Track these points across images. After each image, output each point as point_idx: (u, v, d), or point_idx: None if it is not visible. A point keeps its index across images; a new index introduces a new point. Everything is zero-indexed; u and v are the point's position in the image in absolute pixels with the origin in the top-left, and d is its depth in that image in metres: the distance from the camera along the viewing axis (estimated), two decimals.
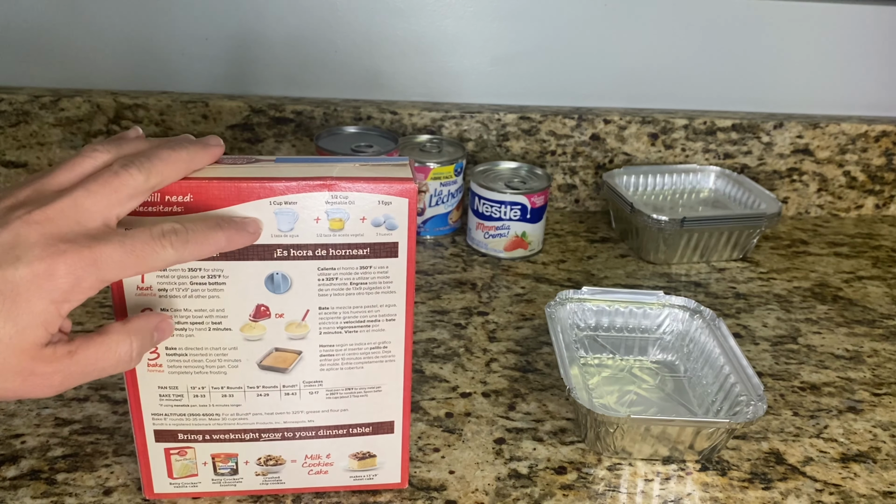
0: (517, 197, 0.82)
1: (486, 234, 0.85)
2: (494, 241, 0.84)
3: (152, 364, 0.46)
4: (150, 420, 0.47)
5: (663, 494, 0.53)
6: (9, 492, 0.50)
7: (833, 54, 0.98)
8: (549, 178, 0.86)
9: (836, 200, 1.01)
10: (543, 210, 0.85)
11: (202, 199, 0.41)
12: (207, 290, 0.44)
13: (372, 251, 0.45)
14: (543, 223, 0.86)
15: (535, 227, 0.84)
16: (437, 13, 0.93)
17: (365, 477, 0.51)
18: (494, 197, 0.83)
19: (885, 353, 0.72)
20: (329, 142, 0.83)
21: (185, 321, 0.45)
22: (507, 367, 0.66)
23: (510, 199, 0.82)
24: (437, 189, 0.86)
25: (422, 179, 0.85)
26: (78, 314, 0.70)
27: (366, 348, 0.47)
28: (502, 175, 0.87)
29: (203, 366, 0.46)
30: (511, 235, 0.84)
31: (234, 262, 0.43)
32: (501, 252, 0.85)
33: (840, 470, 0.57)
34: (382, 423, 0.50)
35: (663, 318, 0.68)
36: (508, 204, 0.82)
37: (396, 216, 0.44)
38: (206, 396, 0.47)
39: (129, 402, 0.47)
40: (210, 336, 0.45)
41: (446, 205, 0.88)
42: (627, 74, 0.97)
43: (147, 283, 0.43)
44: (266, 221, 0.43)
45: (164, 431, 0.48)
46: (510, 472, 0.54)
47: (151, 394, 0.47)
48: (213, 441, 0.48)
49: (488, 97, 0.97)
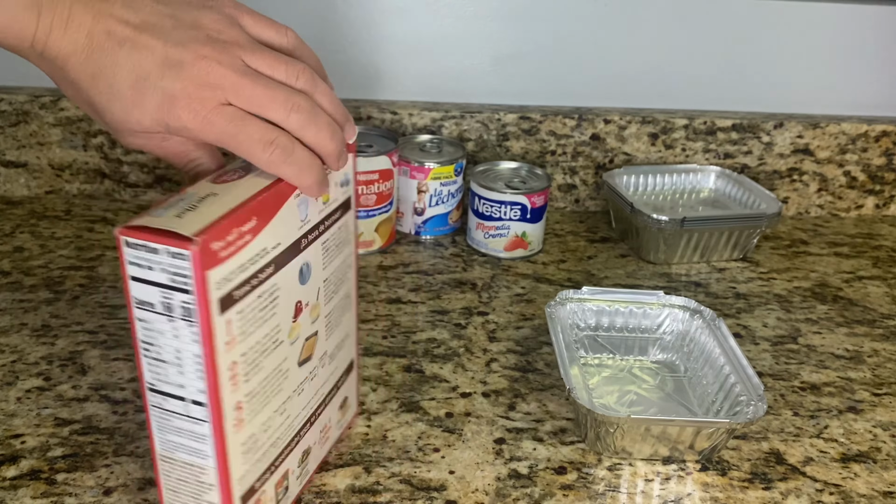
0: (517, 197, 0.82)
1: (486, 234, 0.84)
2: (494, 241, 0.84)
3: (237, 422, 0.40)
4: (237, 486, 0.41)
5: (663, 494, 0.53)
6: (9, 492, 0.50)
7: (833, 54, 0.98)
8: (549, 178, 0.86)
9: (836, 200, 1.01)
10: (543, 210, 0.84)
11: (264, 218, 0.40)
12: (269, 312, 0.41)
13: (341, 210, 0.48)
14: (543, 223, 0.85)
15: (535, 226, 0.84)
16: (437, 13, 0.93)
17: (343, 422, 0.54)
18: (494, 197, 0.82)
19: (885, 353, 0.72)
20: None
21: (256, 355, 0.41)
22: (507, 367, 0.66)
23: (510, 199, 0.82)
24: (437, 189, 0.86)
25: (422, 179, 0.85)
26: (78, 314, 0.70)
27: (342, 301, 0.50)
28: (502, 175, 0.87)
29: (268, 394, 0.43)
30: (511, 235, 0.83)
31: (281, 272, 0.42)
32: (501, 252, 0.84)
33: (840, 470, 0.57)
34: (349, 365, 0.53)
35: (663, 318, 0.68)
36: (508, 204, 0.82)
37: (350, 172, 0.49)
38: (272, 426, 0.43)
39: (216, 471, 0.40)
40: (272, 358, 0.42)
41: (446, 205, 0.88)
42: (627, 74, 0.97)
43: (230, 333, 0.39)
44: (293, 217, 0.43)
45: (247, 492, 0.42)
46: (510, 472, 0.54)
47: (237, 456, 0.41)
48: (275, 470, 0.45)
49: (488, 97, 0.97)
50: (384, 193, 0.82)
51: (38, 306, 0.71)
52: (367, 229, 0.83)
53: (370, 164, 0.80)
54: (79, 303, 0.72)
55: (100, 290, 0.74)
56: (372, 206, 0.82)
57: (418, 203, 0.87)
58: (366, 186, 0.81)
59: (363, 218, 0.82)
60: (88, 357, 0.64)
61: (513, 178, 0.86)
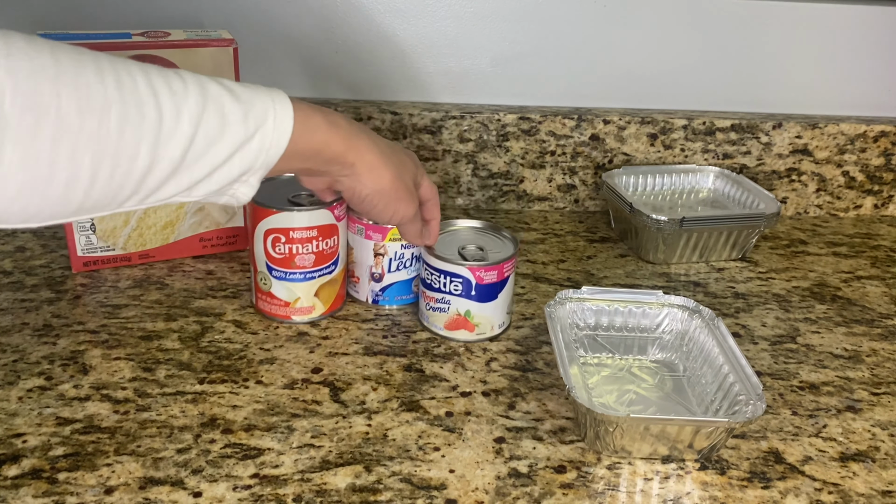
0: (458, 268, 0.67)
1: (427, 305, 0.70)
2: (435, 316, 0.70)
3: None
4: None
5: (662, 493, 0.54)
6: (10, 491, 0.50)
7: (832, 54, 0.98)
8: (514, 247, 0.70)
9: (834, 200, 1.02)
10: (499, 287, 0.68)
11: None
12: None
13: None
14: (503, 304, 0.69)
15: (485, 307, 0.68)
16: (437, 13, 0.93)
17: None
18: (434, 263, 0.68)
19: (883, 353, 0.72)
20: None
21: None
22: (507, 367, 0.66)
23: (451, 270, 0.67)
24: (398, 252, 0.72)
25: (379, 240, 0.71)
26: (80, 313, 0.70)
27: None
28: (461, 236, 0.73)
29: None
30: (452, 312, 0.68)
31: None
32: (442, 330, 0.70)
33: (839, 469, 0.57)
34: None
35: (662, 318, 0.69)
36: (448, 275, 0.67)
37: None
38: None
39: None
40: None
41: (409, 270, 0.73)
42: (627, 75, 0.97)
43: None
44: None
45: None
46: (510, 471, 0.55)
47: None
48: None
49: (488, 97, 0.97)
50: (325, 253, 0.69)
51: (40, 306, 0.71)
52: (305, 294, 0.70)
53: (307, 218, 0.67)
54: (80, 302, 0.72)
55: (101, 290, 0.74)
56: (310, 267, 0.69)
57: (375, 268, 0.73)
58: (301, 245, 0.68)
59: (300, 281, 0.69)
60: (90, 356, 0.64)
61: (471, 242, 0.72)
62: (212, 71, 0.74)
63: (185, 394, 0.60)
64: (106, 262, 0.78)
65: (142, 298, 0.73)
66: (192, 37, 0.74)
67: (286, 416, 0.59)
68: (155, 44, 0.72)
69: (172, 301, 0.73)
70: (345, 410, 0.60)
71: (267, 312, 0.71)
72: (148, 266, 0.79)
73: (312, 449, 0.55)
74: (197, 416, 0.58)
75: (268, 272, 0.69)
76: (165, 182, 0.47)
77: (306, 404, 0.60)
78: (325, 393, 0.62)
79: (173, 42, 0.73)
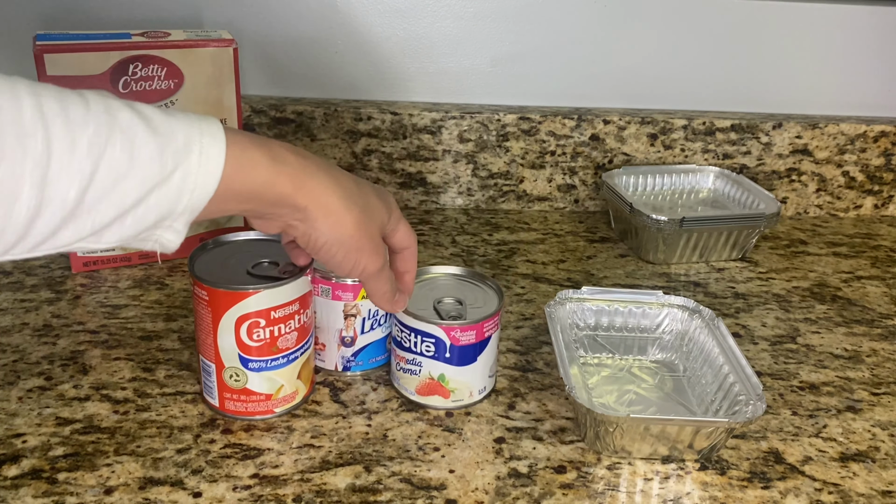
0: (430, 327, 0.58)
1: (398, 366, 0.62)
2: (406, 378, 0.61)
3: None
4: None
5: (662, 493, 0.54)
6: (10, 491, 0.50)
7: (832, 54, 0.98)
8: (499, 301, 0.61)
9: (834, 200, 1.02)
10: (479, 349, 0.59)
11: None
12: None
13: None
14: (484, 367, 0.60)
15: (461, 371, 0.59)
16: (437, 13, 0.93)
17: None
18: (403, 319, 0.59)
19: (883, 353, 0.72)
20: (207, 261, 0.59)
21: None
22: (507, 367, 0.66)
23: (421, 329, 0.58)
24: (372, 311, 0.63)
25: (349, 300, 0.62)
26: (80, 314, 0.70)
27: None
28: (438, 286, 0.63)
29: None
30: (424, 376, 0.60)
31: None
32: (413, 394, 0.61)
33: (839, 469, 0.57)
34: None
35: (662, 318, 0.69)
36: (419, 333, 0.59)
37: None
38: None
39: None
40: None
41: (383, 327, 0.64)
42: (627, 75, 0.97)
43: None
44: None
45: None
46: (510, 472, 0.55)
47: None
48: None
49: (488, 97, 0.97)
50: (306, 325, 0.59)
51: (40, 306, 0.71)
52: (288, 379, 0.58)
53: (288, 291, 0.56)
54: (80, 302, 0.72)
55: (101, 290, 0.74)
56: (293, 346, 0.58)
57: (346, 331, 0.63)
58: (284, 324, 0.56)
59: (282, 366, 0.57)
60: (90, 357, 0.64)
61: (450, 294, 0.62)
62: (212, 71, 0.75)
63: (185, 394, 0.60)
64: (106, 262, 0.78)
65: (142, 298, 0.73)
66: (192, 37, 0.74)
67: (286, 416, 0.59)
68: (155, 44, 0.72)
69: (172, 301, 0.73)
70: (345, 410, 0.60)
71: (243, 413, 0.58)
72: (148, 266, 0.79)
73: (312, 449, 0.55)
74: (197, 416, 0.58)
75: (242, 366, 0.56)
76: (62, 227, 0.39)
77: (306, 404, 0.60)
78: (325, 393, 0.62)
79: (173, 42, 0.73)
